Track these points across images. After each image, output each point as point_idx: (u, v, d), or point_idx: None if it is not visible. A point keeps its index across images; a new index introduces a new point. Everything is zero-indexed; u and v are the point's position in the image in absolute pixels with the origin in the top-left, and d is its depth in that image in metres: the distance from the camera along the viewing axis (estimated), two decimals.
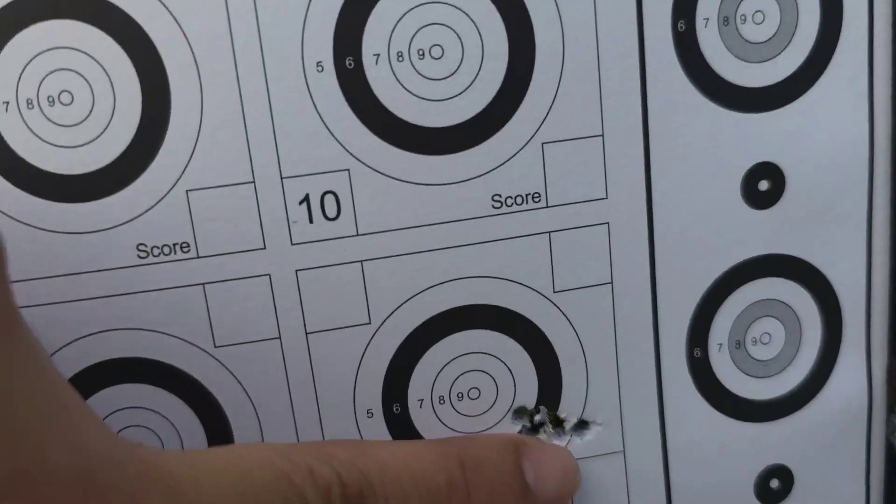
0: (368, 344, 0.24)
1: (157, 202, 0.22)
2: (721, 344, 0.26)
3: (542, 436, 0.26)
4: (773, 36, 0.24)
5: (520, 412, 0.26)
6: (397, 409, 0.25)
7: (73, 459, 0.15)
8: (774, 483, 0.27)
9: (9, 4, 0.21)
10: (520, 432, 0.26)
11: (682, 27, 0.23)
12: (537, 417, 0.26)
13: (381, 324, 0.24)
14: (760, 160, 0.25)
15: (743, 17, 0.24)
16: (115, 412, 0.24)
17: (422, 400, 0.25)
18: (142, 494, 0.17)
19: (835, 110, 0.25)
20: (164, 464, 0.18)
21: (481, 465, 0.23)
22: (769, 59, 0.24)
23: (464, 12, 0.22)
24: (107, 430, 0.17)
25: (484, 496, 0.23)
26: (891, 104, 0.25)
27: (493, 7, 0.22)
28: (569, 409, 0.26)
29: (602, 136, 0.24)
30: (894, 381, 0.27)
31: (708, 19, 0.24)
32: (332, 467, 0.21)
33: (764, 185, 0.25)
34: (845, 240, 0.26)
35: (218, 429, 0.24)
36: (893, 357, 0.27)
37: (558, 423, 0.26)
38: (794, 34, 0.24)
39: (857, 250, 0.26)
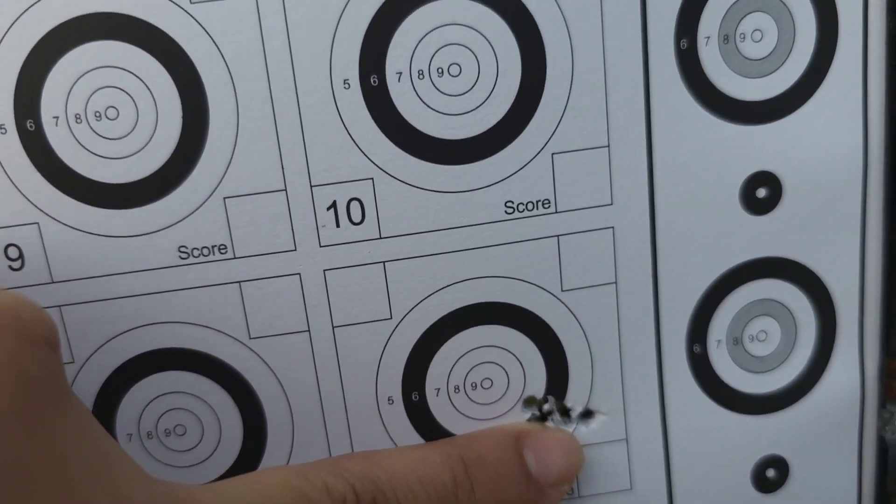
0: (390, 337, 0.26)
1: (197, 208, 0.24)
2: (720, 341, 0.28)
3: (550, 423, 0.27)
4: (771, 53, 0.25)
5: (529, 401, 0.27)
6: (416, 397, 0.27)
7: None
8: (771, 473, 0.29)
9: (58, 26, 0.23)
10: (529, 420, 0.27)
11: (684, 45, 0.25)
12: (546, 406, 0.27)
13: (402, 319, 0.26)
14: (758, 169, 0.26)
15: (742, 36, 0.25)
16: (159, 397, 0.26)
17: (438, 389, 0.27)
18: None
19: (830, 122, 0.26)
20: (195, 500, 0.20)
21: (483, 461, 0.25)
22: (767, 75, 0.25)
23: (480, 33, 0.24)
24: (145, 475, 0.20)
25: (487, 489, 0.25)
26: (884, 116, 0.26)
27: (507, 28, 0.24)
28: (575, 399, 0.27)
29: (608, 146, 0.25)
30: (886, 378, 0.29)
31: (709, 37, 0.25)
32: (346, 479, 0.23)
33: (762, 193, 0.26)
34: (840, 243, 0.27)
35: (252, 412, 0.26)
36: (885, 354, 0.28)
37: (565, 412, 0.28)
38: (791, 51, 0.25)
39: (851, 253, 0.27)
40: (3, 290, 0.19)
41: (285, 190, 0.25)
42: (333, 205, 0.25)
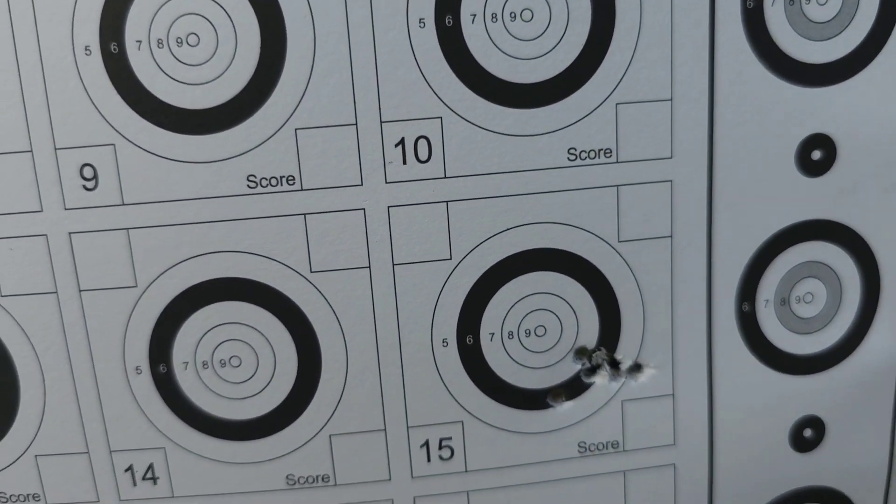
0: (448, 278, 0.27)
1: (269, 138, 0.25)
2: (768, 300, 0.28)
3: (599, 375, 0.28)
4: (835, 16, 0.26)
5: (580, 352, 0.28)
6: (470, 341, 0.27)
7: None
8: (808, 432, 0.29)
9: None
10: (579, 371, 0.28)
11: (750, 4, 0.26)
12: (596, 358, 0.28)
13: (461, 260, 0.26)
14: (815, 131, 0.27)
15: None
16: (217, 326, 0.26)
17: (493, 333, 0.27)
18: None
19: (889, 87, 0.27)
20: None
21: None
22: (830, 38, 0.26)
23: None
24: None
25: None
26: None
27: None
28: (625, 352, 0.28)
29: (671, 100, 0.26)
30: None
31: None
32: None
33: (817, 155, 0.27)
34: (889, 209, 0.28)
35: (308, 347, 0.27)
36: None
37: (615, 365, 0.28)
38: (854, 14, 0.26)
39: None
40: None
41: (356, 124, 0.25)
42: (401, 141, 0.25)
